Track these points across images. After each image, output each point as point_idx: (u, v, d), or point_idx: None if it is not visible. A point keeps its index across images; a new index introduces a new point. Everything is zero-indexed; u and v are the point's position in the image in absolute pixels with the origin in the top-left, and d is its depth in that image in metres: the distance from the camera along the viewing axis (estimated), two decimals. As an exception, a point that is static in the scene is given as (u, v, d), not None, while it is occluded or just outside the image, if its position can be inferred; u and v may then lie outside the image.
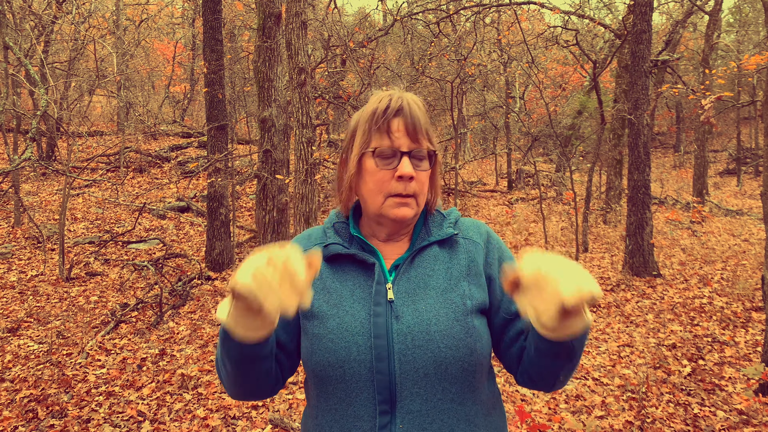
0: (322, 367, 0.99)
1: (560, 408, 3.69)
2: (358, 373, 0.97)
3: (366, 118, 1.07)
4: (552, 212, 11.91)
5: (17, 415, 3.68)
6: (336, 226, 1.13)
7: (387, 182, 1.03)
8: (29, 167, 11.37)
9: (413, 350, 0.97)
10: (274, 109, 5.10)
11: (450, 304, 1.02)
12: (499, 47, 12.04)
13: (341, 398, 0.99)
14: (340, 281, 1.06)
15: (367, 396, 0.97)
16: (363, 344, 0.98)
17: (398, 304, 1.01)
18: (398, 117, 1.04)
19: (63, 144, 13.83)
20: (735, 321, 5.27)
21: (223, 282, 7.37)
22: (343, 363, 0.98)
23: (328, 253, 1.08)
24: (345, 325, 1.00)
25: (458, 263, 1.08)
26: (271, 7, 5.06)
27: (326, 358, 0.99)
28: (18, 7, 10.71)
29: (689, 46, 19.47)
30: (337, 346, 0.98)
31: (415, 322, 0.99)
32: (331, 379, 0.99)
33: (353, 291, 1.04)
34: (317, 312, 1.03)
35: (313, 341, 1.02)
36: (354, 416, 0.98)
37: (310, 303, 0.98)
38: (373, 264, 1.05)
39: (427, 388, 0.97)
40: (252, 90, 14.32)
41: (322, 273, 1.07)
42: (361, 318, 1.00)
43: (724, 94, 6.08)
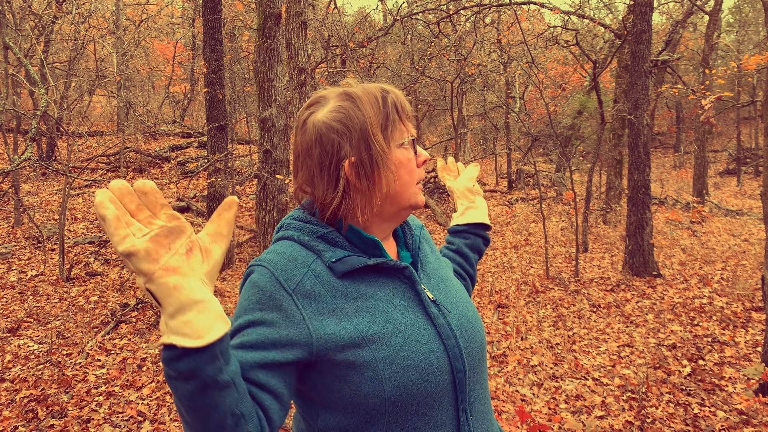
0: (404, 389, 0.89)
1: (560, 408, 3.69)
2: (441, 380, 0.93)
3: (384, 114, 0.97)
4: (552, 212, 11.90)
5: (17, 415, 3.68)
6: (327, 236, 0.97)
7: (415, 170, 1.01)
8: (29, 167, 11.37)
9: (469, 340, 0.99)
10: (274, 109, 5.10)
11: (459, 288, 1.08)
12: (499, 47, 12.04)
13: (423, 413, 0.92)
14: (371, 296, 0.94)
15: (448, 400, 0.94)
16: (438, 350, 0.93)
17: (440, 300, 1.01)
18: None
19: (63, 144, 13.82)
20: (735, 321, 5.27)
21: (223, 282, 7.37)
22: (427, 376, 0.91)
23: (348, 268, 0.93)
24: (413, 337, 0.92)
25: (433, 251, 1.13)
26: (271, 7, 5.06)
27: (408, 377, 0.89)
28: (18, 7, 10.71)
29: (689, 46, 19.47)
30: (416, 361, 0.90)
31: (459, 312, 1.01)
32: (415, 398, 0.90)
33: (392, 301, 0.95)
34: (370, 336, 0.90)
35: (381, 368, 0.88)
36: (437, 425, 0.93)
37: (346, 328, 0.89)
38: (404, 267, 0.97)
39: (480, 372, 1.01)
40: (252, 90, 14.32)
41: (345, 292, 0.93)
42: (422, 324, 0.95)
43: (724, 94, 6.09)
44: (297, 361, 0.88)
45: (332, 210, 0.96)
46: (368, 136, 0.94)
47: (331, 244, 0.96)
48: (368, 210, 0.97)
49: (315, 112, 0.97)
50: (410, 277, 0.98)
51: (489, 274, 7.37)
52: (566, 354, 4.64)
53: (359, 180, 0.95)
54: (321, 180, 0.96)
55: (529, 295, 6.42)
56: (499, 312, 5.84)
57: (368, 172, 0.95)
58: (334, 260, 0.93)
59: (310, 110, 0.98)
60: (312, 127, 0.96)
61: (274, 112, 5.11)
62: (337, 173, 0.95)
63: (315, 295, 0.90)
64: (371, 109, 0.95)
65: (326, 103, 0.97)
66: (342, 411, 0.92)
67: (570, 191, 7.93)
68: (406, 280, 0.98)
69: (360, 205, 0.97)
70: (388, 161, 0.96)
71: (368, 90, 0.97)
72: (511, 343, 4.92)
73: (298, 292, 0.90)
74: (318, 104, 0.98)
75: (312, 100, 1.00)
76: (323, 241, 0.96)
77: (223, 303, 6.41)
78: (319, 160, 0.95)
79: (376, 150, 0.94)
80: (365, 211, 0.97)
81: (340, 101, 0.96)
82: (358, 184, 0.95)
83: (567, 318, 5.58)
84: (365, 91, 0.97)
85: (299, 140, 0.99)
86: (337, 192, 0.95)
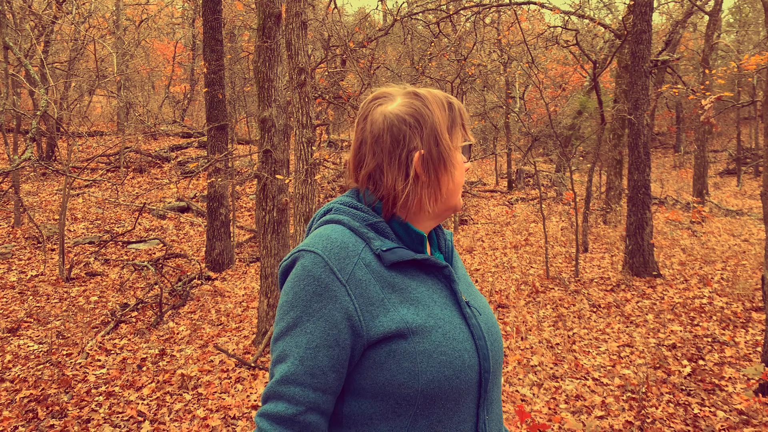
0: (437, 384, 0.91)
1: (560, 408, 3.69)
2: (470, 378, 0.96)
3: (450, 118, 1.02)
4: (552, 212, 11.90)
5: (17, 415, 3.68)
6: (377, 226, 0.99)
7: (464, 175, 1.06)
8: (29, 167, 11.37)
9: (494, 344, 1.02)
10: (274, 109, 5.10)
11: (482, 295, 1.12)
12: (499, 47, 12.03)
13: (448, 408, 0.94)
14: (415, 289, 0.97)
15: (472, 398, 0.97)
16: (470, 349, 0.97)
17: (472, 303, 1.04)
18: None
19: (63, 144, 13.82)
20: (735, 321, 5.27)
21: (223, 282, 7.37)
22: (459, 373, 0.94)
23: (397, 259, 0.95)
24: (450, 334, 0.95)
25: (458, 257, 1.16)
26: (271, 7, 5.06)
27: (442, 372, 0.92)
28: (18, 7, 10.71)
29: (689, 46, 19.47)
30: (451, 358, 0.93)
31: (487, 317, 1.05)
32: (444, 393, 0.92)
33: (432, 297, 0.98)
34: (414, 327, 0.92)
35: (419, 360, 0.91)
36: (458, 421, 0.95)
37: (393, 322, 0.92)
38: (444, 266, 1.01)
39: (499, 375, 1.04)
40: (252, 90, 14.31)
41: (393, 283, 0.95)
42: (458, 323, 0.98)
43: (724, 94, 6.09)
44: (352, 351, 0.92)
45: (402, 199, 1.00)
46: (437, 134, 0.99)
47: (380, 233, 0.99)
48: (432, 203, 1.01)
49: (384, 105, 1.02)
50: (449, 277, 1.01)
51: (489, 274, 7.37)
52: (566, 354, 4.64)
53: (426, 173, 0.99)
54: (391, 168, 0.99)
55: (529, 295, 6.42)
56: (499, 312, 5.84)
57: (435, 167, 1.00)
58: (385, 249, 0.95)
59: (376, 102, 1.03)
60: (382, 118, 1.00)
61: (274, 112, 5.11)
62: (407, 163, 0.99)
63: (366, 285, 0.93)
64: (439, 110, 1.00)
65: (393, 98, 1.02)
66: (371, 398, 0.93)
67: (570, 191, 7.93)
68: (445, 279, 1.01)
69: (426, 198, 1.00)
70: (452, 159, 1.01)
71: (434, 94, 1.03)
72: (511, 343, 4.92)
73: (351, 282, 0.92)
74: (385, 98, 1.03)
75: (377, 94, 1.04)
76: (372, 230, 0.99)
77: (223, 303, 6.40)
78: (390, 148, 0.99)
79: (443, 147, 0.99)
80: (431, 204, 1.01)
81: (409, 98, 1.01)
82: (424, 177, 0.99)
83: (567, 318, 5.58)
84: (432, 94, 1.02)
85: (366, 129, 1.02)
86: (408, 181, 0.99)
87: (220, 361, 4.67)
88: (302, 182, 4.47)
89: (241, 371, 4.44)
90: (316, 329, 0.90)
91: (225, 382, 4.24)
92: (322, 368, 0.90)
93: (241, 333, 5.45)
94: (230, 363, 4.60)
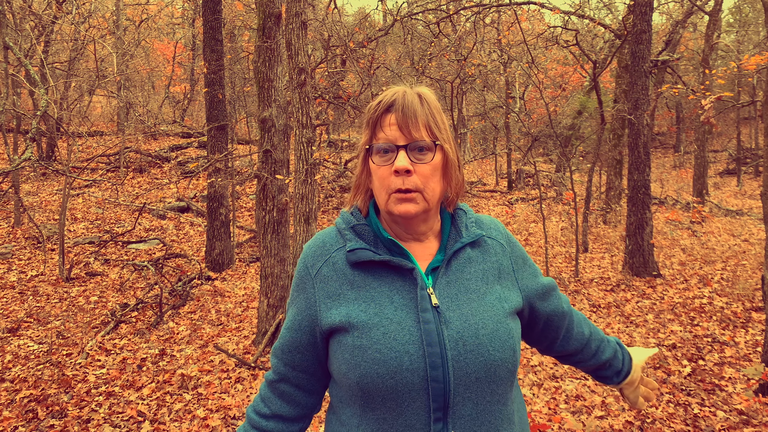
0: (370, 379, 0.95)
1: (560, 408, 3.69)
2: (410, 382, 0.94)
3: (366, 116, 1.05)
4: (552, 212, 11.91)
5: (17, 415, 3.68)
6: (356, 228, 1.06)
7: (388, 178, 1.00)
8: (29, 167, 11.37)
9: (466, 356, 0.96)
10: (274, 109, 5.10)
11: (491, 307, 1.02)
12: (499, 47, 12.03)
13: (390, 408, 0.96)
14: (375, 288, 1.01)
15: (419, 404, 0.95)
16: (415, 353, 0.95)
17: (444, 310, 0.99)
18: (391, 112, 1.02)
19: (63, 144, 13.82)
20: (735, 321, 5.27)
21: (223, 282, 7.37)
22: (394, 374, 0.94)
23: (357, 259, 1.02)
24: (392, 335, 0.96)
25: (490, 266, 1.08)
26: (271, 7, 5.06)
27: (374, 369, 0.95)
28: (18, 7, 10.70)
29: (689, 46, 19.47)
30: (386, 357, 0.95)
31: (464, 327, 0.98)
32: (380, 390, 0.95)
33: (392, 298, 1.00)
34: (356, 323, 0.98)
35: (355, 353, 0.97)
36: (406, 425, 0.96)
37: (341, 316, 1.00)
38: (411, 269, 1.01)
39: (478, 391, 0.98)
40: (252, 90, 14.31)
41: (353, 281, 1.02)
42: (408, 326, 0.97)
43: (724, 94, 6.08)
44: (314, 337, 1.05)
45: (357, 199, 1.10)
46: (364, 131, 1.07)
47: (357, 235, 1.05)
48: (379, 203, 1.05)
49: None
50: (415, 280, 1.01)
51: (489, 274, 7.36)
52: (566, 354, 4.64)
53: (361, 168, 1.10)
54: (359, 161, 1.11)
55: (529, 295, 6.40)
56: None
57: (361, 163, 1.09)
58: (349, 250, 1.03)
59: None
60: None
61: (274, 112, 5.11)
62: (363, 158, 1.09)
63: (327, 280, 1.03)
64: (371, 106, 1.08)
65: None
66: (336, 384, 1.07)
67: (570, 191, 7.93)
68: (411, 281, 1.01)
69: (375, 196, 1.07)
70: (362, 158, 1.08)
71: (384, 93, 1.07)
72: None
73: (318, 277, 1.05)
74: None
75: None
76: (352, 231, 1.06)
77: (223, 303, 6.40)
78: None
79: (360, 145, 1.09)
80: (379, 203, 1.05)
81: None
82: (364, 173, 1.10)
83: (567, 318, 5.57)
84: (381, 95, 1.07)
85: None
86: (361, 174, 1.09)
87: (220, 361, 4.68)
88: (302, 182, 4.47)
89: (241, 371, 4.44)
90: (291, 313, 1.08)
91: (225, 382, 4.25)
92: (290, 347, 1.08)
93: (241, 333, 5.45)
94: (230, 363, 4.60)
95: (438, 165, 1.02)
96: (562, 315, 1.20)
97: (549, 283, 1.19)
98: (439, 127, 1.03)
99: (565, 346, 1.23)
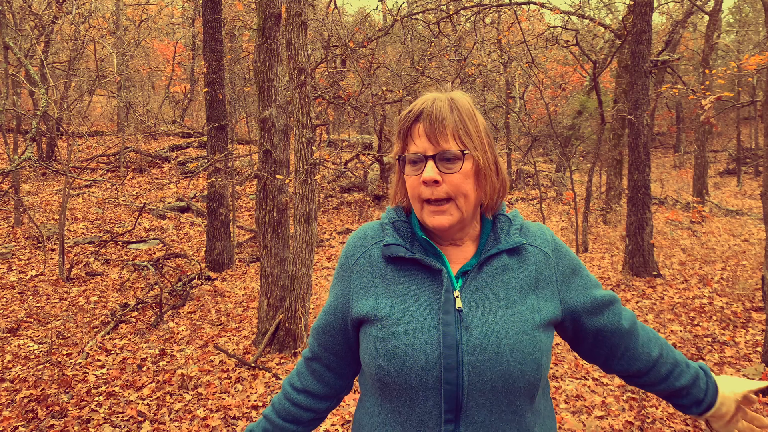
0: (387, 372, 0.98)
1: (560, 408, 3.69)
2: (424, 381, 0.96)
3: (397, 126, 1.08)
4: (552, 212, 11.91)
5: (17, 415, 3.68)
6: (396, 224, 1.09)
7: (418, 188, 1.02)
8: (29, 167, 11.37)
9: (483, 363, 0.96)
10: (274, 109, 5.10)
11: (519, 317, 1.00)
12: (499, 47, 12.03)
13: (405, 402, 0.99)
14: (404, 285, 1.03)
15: (432, 403, 0.97)
16: (431, 353, 0.96)
17: (467, 314, 0.99)
18: (419, 121, 1.03)
19: (63, 144, 13.82)
20: (735, 321, 5.27)
21: (223, 282, 7.37)
22: (409, 370, 0.96)
23: (390, 254, 1.05)
24: (412, 332, 0.98)
25: (527, 274, 1.05)
26: (271, 7, 5.06)
27: (391, 363, 0.98)
28: (18, 7, 10.70)
29: (689, 46, 19.47)
30: (403, 353, 0.97)
31: (485, 334, 0.97)
32: (396, 384, 0.98)
33: (418, 296, 1.01)
34: (381, 316, 1.02)
35: (377, 345, 1.00)
36: (418, 421, 0.98)
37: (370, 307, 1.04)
38: (440, 270, 1.02)
39: (494, 400, 0.97)
40: (252, 90, 14.32)
41: (384, 274, 1.05)
42: (429, 326, 0.98)
43: (724, 94, 6.08)
44: (345, 323, 1.11)
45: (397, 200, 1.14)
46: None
47: (396, 231, 1.08)
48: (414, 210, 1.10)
49: None
50: (442, 281, 1.02)
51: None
52: (566, 354, 4.64)
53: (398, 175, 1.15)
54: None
55: (529, 295, 6.41)
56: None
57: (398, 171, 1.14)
58: (385, 244, 1.07)
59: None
60: None
61: (274, 112, 5.11)
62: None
63: (362, 270, 1.08)
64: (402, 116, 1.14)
65: None
66: (363, 372, 1.11)
67: (570, 191, 7.93)
68: (439, 282, 1.02)
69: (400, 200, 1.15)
70: (398, 167, 1.11)
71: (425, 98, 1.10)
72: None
73: (354, 267, 1.10)
74: None
75: None
76: (392, 227, 1.09)
77: (223, 303, 6.40)
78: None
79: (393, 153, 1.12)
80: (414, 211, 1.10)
81: None
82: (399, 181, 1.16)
83: (567, 318, 5.57)
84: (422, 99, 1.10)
85: None
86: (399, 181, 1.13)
87: (220, 361, 4.68)
88: (302, 182, 4.47)
89: (241, 371, 4.44)
90: (330, 298, 1.14)
91: (225, 382, 4.25)
92: (324, 329, 1.14)
93: (241, 333, 5.45)
94: (230, 363, 4.60)
95: (469, 173, 1.02)
96: (617, 331, 1.12)
97: (604, 297, 1.12)
98: (469, 134, 1.02)
99: (625, 366, 1.15)
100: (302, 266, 4.58)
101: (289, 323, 4.73)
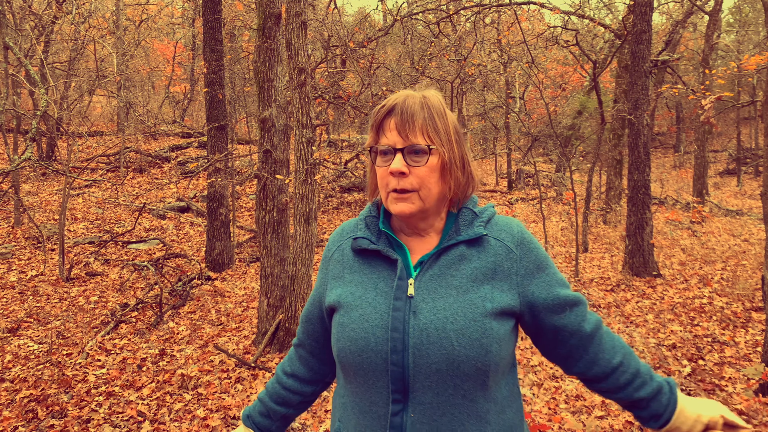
0: (344, 354, 1.06)
1: (560, 408, 3.69)
2: (374, 362, 1.03)
3: (371, 120, 1.13)
4: (552, 212, 11.91)
5: (17, 415, 3.68)
6: (367, 219, 1.17)
7: (386, 178, 1.08)
8: (29, 167, 11.37)
9: (428, 346, 1.00)
10: (274, 109, 5.10)
11: (469, 304, 1.03)
12: (499, 47, 12.03)
13: (360, 383, 1.06)
14: (366, 274, 1.11)
15: (382, 384, 1.03)
16: (381, 336, 1.03)
17: (417, 300, 1.04)
18: (391, 116, 1.09)
19: (63, 144, 13.82)
20: (735, 321, 5.27)
21: (223, 282, 7.37)
22: (361, 352, 1.03)
23: (357, 247, 1.14)
24: (366, 317, 1.05)
25: (484, 265, 1.07)
26: (271, 7, 5.06)
27: (347, 346, 1.05)
28: (18, 7, 10.71)
29: (689, 46, 19.47)
30: (357, 336, 1.04)
31: (432, 319, 1.02)
32: (352, 366, 1.06)
33: (377, 284, 1.09)
34: (344, 303, 1.10)
35: (337, 329, 1.09)
36: (370, 401, 1.05)
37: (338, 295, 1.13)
38: (396, 260, 1.09)
39: (439, 382, 1.01)
40: (252, 90, 14.32)
41: (352, 266, 1.14)
42: (382, 311, 1.05)
43: (724, 94, 6.08)
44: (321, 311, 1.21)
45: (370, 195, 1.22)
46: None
47: (366, 225, 1.16)
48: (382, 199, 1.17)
49: None
50: (397, 269, 1.09)
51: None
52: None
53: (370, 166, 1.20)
54: None
55: (529, 295, 6.40)
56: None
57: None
58: (354, 238, 1.15)
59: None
60: None
61: (274, 112, 5.11)
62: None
63: (336, 262, 1.18)
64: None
65: None
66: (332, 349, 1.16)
67: (570, 191, 7.93)
68: (395, 271, 1.09)
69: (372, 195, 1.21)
70: (370, 157, 1.15)
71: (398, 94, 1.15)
72: (511, 343, 4.91)
73: (331, 260, 1.20)
74: None
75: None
76: (363, 222, 1.17)
77: (223, 303, 6.40)
78: None
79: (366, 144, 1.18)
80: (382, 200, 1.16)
81: None
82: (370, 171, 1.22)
83: (567, 318, 5.57)
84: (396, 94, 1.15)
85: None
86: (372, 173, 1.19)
87: (220, 361, 4.68)
88: (302, 182, 4.47)
89: (241, 371, 4.44)
90: (313, 289, 1.25)
91: (225, 382, 4.25)
92: (307, 317, 1.26)
93: (241, 333, 5.45)
94: (230, 363, 4.60)
95: (435, 167, 1.07)
96: (577, 333, 1.12)
97: (568, 297, 1.12)
98: (437, 131, 1.07)
99: (582, 369, 1.15)
100: (302, 266, 4.58)
101: (289, 323, 4.73)
